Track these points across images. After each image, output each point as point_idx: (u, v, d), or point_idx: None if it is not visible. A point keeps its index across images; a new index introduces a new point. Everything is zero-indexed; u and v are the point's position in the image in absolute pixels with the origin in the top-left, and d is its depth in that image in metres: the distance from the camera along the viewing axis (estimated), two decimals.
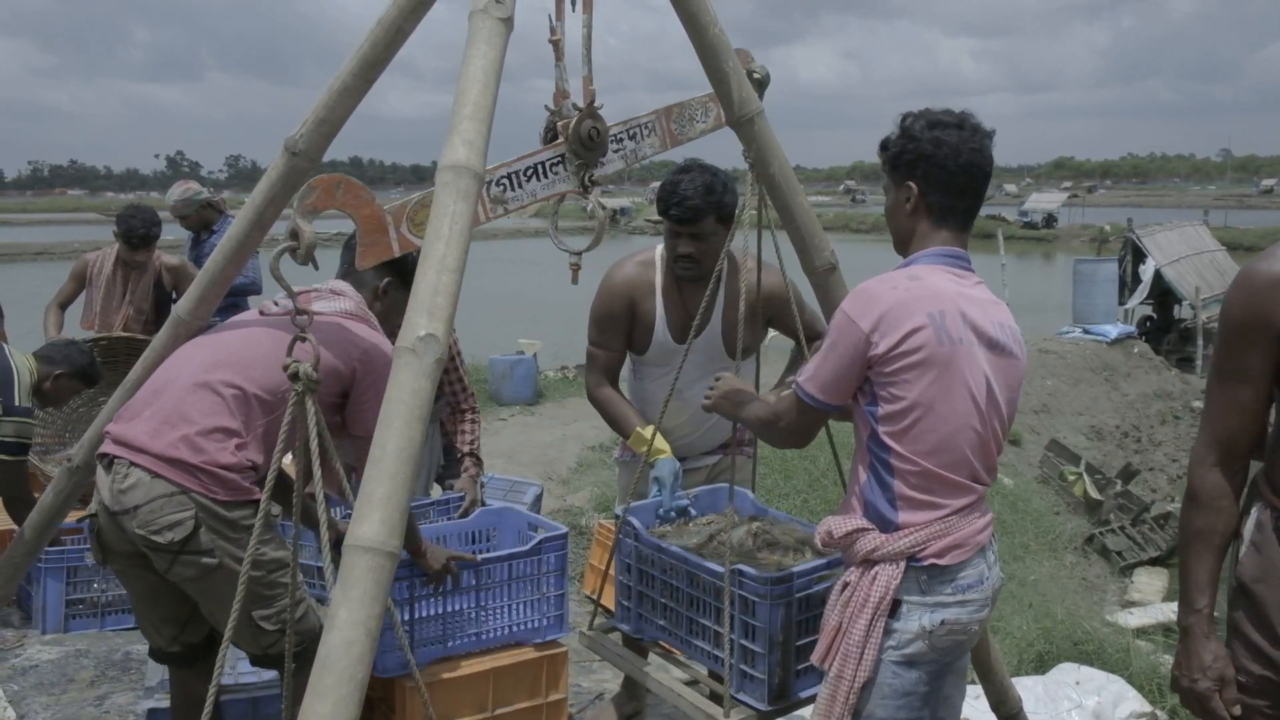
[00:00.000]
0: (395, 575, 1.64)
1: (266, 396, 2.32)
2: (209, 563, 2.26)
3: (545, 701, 2.96)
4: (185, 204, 5.65)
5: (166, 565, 2.27)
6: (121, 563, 2.39)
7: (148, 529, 2.22)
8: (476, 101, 1.69)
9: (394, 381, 1.47)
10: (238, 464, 2.28)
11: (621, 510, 2.78)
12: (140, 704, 2.98)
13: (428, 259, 1.55)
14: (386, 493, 1.39)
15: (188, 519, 2.23)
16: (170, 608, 2.46)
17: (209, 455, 2.25)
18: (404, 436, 1.43)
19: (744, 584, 2.38)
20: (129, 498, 2.24)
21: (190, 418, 2.27)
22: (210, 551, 2.26)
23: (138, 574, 2.38)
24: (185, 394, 2.30)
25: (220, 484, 2.26)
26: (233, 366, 2.33)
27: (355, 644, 1.31)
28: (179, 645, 2.52)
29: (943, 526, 1.96)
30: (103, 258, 5.36)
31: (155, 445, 2.26)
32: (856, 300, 1.95)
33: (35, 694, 3.41)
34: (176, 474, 2.24)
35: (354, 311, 2.50)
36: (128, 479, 2.25)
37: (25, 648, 3.74)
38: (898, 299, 1.92)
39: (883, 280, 1.97)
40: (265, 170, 2.36)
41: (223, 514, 2.26)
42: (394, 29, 2.18)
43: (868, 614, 1.95)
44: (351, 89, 2.21)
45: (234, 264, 2.39)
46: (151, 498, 2.23)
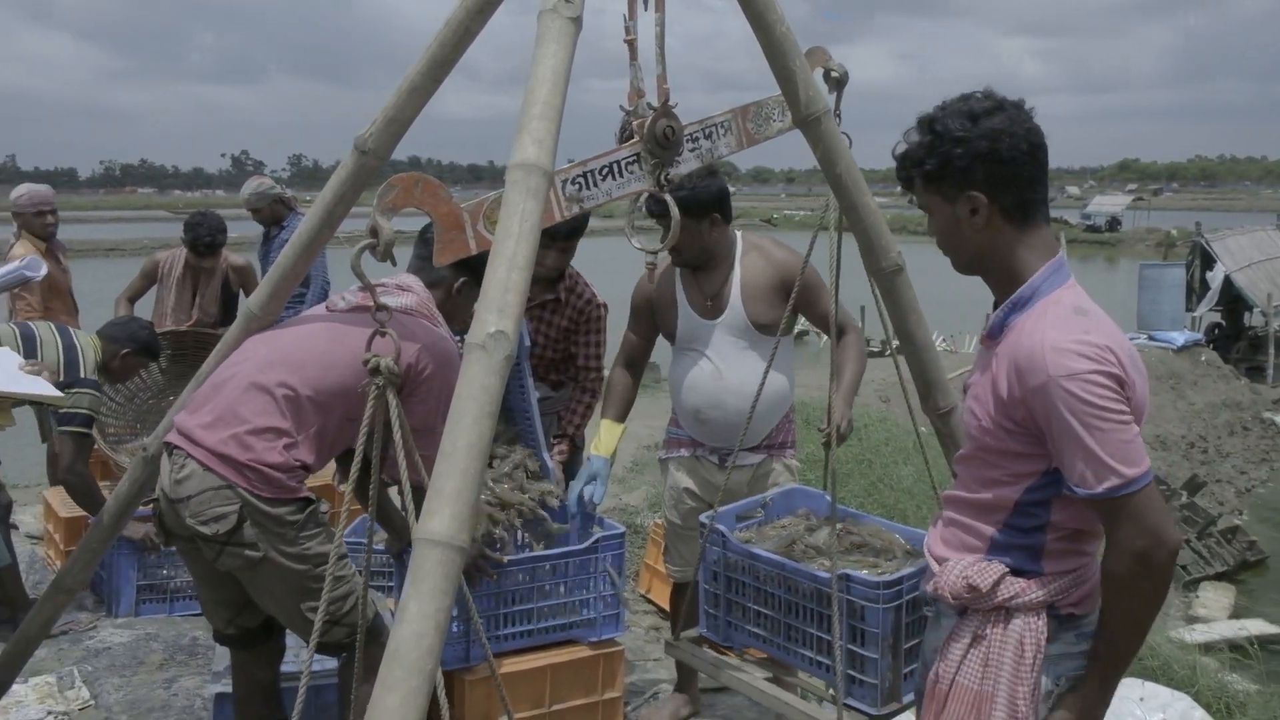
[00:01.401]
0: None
1: (318, 397, 2.37)
2: (253, 555, 2.33)
3: (601, 699, 2.97)
4: (259, 198, 5.82)
5: (214, 555, 2.35)
6: (181, 545, 2.49)
7: (197, 519, 2.31)
8: (546, 100, 1.70)
9: (464, 377, 1.48)
10: (285, 463, 2.34)
11: (707, 518, 2.78)
12: (207, 688, 3.06)
13: (498, 256, 1.56)
14: (457, 488, 1.41)
15: (232, 513, 2.30)
16: (225, 592, 2.53)
17: (256, 454, 2.31)
18: (474, 432, 1.44)
19: (853, 588, 2.36)
20: (183, 488, 2.33)
21: (242, 416, 2.34)
22: (254, 545, 2.32)
23: (196, 557, 2.47)
24: (240, 392, 2.37)
25: (265, 481, 2.32)
26: (286, 366, 2.39)
27: (425, 637, 1.33)
28: (235, 629, 2.60)
29: (1085, 573, 1.76)
30: (173, 259, 5.54)
31: (209, 439, 2.33)
32: (1085, 354, 1.59)
33: (108, 675, 3.51)
34: (225, 469, 2.31)
35: (415, 308, 2.53)
36: (184, 469, 2.34)
37: (98, 630, 3.86)
38: (1121, 344, 1.64)
39: (1073, 324, 1.64)
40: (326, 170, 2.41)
41: (267, 510, 2.32)
42: (461, 29, 2.20)
43: (1026, 676, 1.69)
44: (420, 89, 2.24)
45: (304, 260, 2.43)
46: (202, 489, 2.31)
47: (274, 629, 2.63)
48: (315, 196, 2.44)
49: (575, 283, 3.49)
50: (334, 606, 2.35)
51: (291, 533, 2.34)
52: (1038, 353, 1.62)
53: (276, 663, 2.72)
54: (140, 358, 3.93)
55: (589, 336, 3.50)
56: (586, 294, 3.49)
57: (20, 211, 5.07)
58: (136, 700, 3.37)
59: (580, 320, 3.48)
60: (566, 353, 3.52)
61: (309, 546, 2.36)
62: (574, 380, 3.55)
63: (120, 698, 3.38)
